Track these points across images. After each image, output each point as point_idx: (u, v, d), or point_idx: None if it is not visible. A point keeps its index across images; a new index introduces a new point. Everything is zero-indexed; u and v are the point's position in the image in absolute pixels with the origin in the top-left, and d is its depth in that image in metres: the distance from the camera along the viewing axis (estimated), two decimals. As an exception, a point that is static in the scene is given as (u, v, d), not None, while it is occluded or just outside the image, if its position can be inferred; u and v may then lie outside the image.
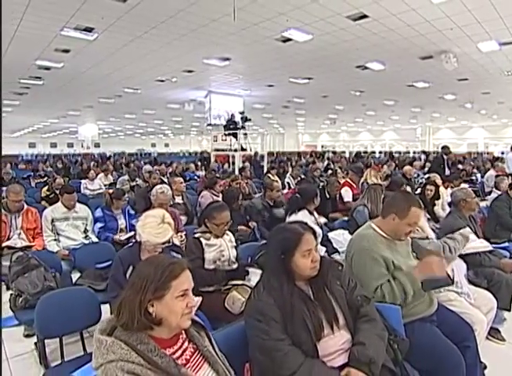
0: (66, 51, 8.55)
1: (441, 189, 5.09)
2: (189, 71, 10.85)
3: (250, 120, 12.29)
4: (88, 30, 7.18)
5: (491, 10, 6.19)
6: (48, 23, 6.73)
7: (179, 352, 1.23)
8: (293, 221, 1.72)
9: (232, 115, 12.21)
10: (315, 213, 3.60)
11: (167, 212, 2.27)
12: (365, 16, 6.61)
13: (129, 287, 1.20)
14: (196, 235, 2.58)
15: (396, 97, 15.35)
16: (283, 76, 11.40)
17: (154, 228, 2.15)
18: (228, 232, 2.72)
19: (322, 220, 4.37)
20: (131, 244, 2.32)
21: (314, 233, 1.61)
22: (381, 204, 3.83)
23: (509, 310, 2.72)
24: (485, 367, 2.28)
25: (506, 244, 3.71)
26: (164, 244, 2.18)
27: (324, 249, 3.31)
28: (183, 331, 1.28)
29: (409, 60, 9.38)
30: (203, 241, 2.54)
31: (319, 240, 3.33)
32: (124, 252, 2.27)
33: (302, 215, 3.30)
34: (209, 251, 2.53)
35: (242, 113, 12.36)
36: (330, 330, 1.52)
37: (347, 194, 5.25)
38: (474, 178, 9.02)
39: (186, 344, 1.27)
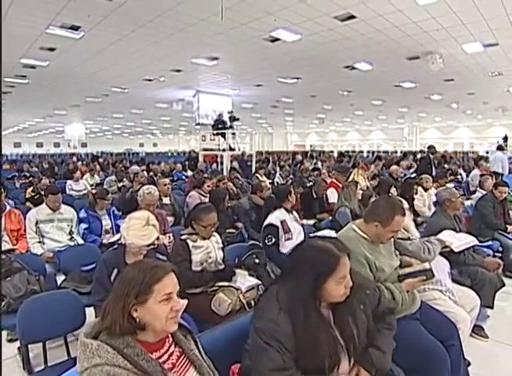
0: (52, 49, 8.43)
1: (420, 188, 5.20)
2: (177, 71, 10.78)
3: (238, 119, 12.27)
4: (75, 28, 7.08)
5: (475, 12, 6.29)
6: (33, 21, 6.62)
7: (166, 356, 1.21)
8: (325, 236, 1.57)
9: (220, 114, 12.16)
10: (295, 212, 3.57)
11: (152, 214, 2.25)
12: (352, 17, 6.66)
13: (113, 292, 1.18)
14: (183, 237, 2.56)
15: (384, 97, 15.49)
16: (271, 76, 11.41)
17: (139, 230, 2.12)
18: (214, 233, 2.71)
19: (311, 221, 4.38)
20: (116, 246, 2.29)
21: (348, 253, 1.46)
22: (357, 201, 3.93)
23: (492, 308, 2.78)
24: (469, 364, 2.31)
25: (490, 243, 3.79)
26: (148, 246, 2.15)
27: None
28: (169, 335, 1.26)
29: (396, 61, 9.48)
30: (190, 243, 2.52)
31: (301, 237, 3.36)
32: (109, 254, 2.25)
33: (279, 213, 3.28)
34: (196, 252, 2.51)
35: (230, 112, 12.31)
36: (346, 361, 1.42)
37: (332, 195, 5.24)
38: (459, 177, 9.14)
39: (173, 348, 1.26)
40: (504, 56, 8.95)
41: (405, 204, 2.72)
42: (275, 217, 3.23)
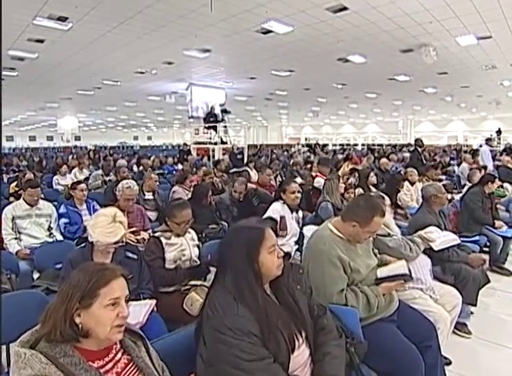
0: (41, 41, 8.28)
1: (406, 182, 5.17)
2: (169, 63, 10.65)
3: (229, 112, 12.14)
4: (62, 19, 6.95)
5: (468, 5, 6.24)
6: (19, 12, 6.47)
7: (110, 364, 1.15)
8: (248, 220, 1.54)
9: (212, 107, 12.03)
10: (301, 212, 3.49)
11: (119, 211, 2.17)
12: (345, 8, 6.59)
13: (57, 295, 1.12)
14: (157, 234, 2.50)
15: (378, 90, 15.43)
16: (264, 68, 11.31)
17: (105, 227, 2.05)
18: (190, 230, 2.64)
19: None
20: (83, 244, 2.22)
21: (271, 227, 1.50)
22: (339, 194, 3.87)
23: (475, 305, 2.73)
24: (450, 363, 2.28)
25: (477, 238, 3.75)
26: (116, 243, 2.09)
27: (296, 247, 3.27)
28: (117, 342, 1.19)
29: (390, 53, 9.41)
30: (164, 241, 2.46)
31: (294, 239, 3.29)
32: (76, 253, 2.17)
33: (280, 207, 3.22)
34: (169, 250, 2.45)
35: (222, 105, 12.17)
36: (302, 338, 1.41)
37: (321, 183, 5.00)
38: (451, 169, 9.10)
39: (119, 355, 1.19)
40: (498, 49, 8.90)
41: (387, 201, 2.66)
42: (275, 210, 3.18)
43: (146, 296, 2.13)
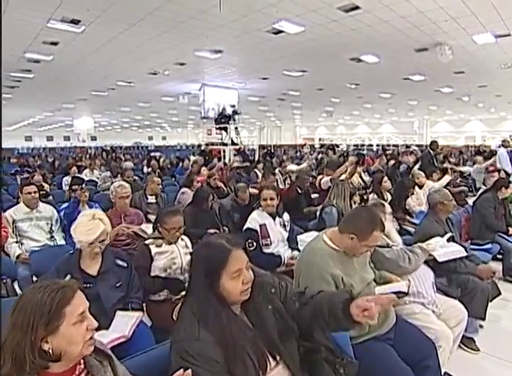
0: (55, 43, 8.39)
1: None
2: (181, 64, 10.67)
3: (239, 113, 12.09)
4: (75, 22, 7.02)
5: (485, 2, 6.03)
6: (33, 15, 6.56)
7: None
8: (222, 235, 1.50)
9: (224, 108, 11.99)
10: (287, 215, 3.35)
11: (102, 213, 2.17)
12: (357, 8, 6.45)
13: (12, 328, 0.99)
14: (147, 241, 2.45)
15: (392, 90, 15.16)
16: (276, 68, 11.23)
17: (84, 225, 2.04)
18: (184, 237, 2.58)
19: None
20: (71, 251, 2.20)
21: (245, 248, 1.41)
22: (349, 199, 3.74)
23: (483, 319, 2.57)
24: (455, 381, 2.18)
25: (489, 246, 3.60)
26: (100, 242, 2.06)
27: (289, 252, 3.17)
28: (81, 361, 1.12)
29: (404, 53, 9.21)
30: (154, 249, 2.41)
31: (283, 244, 3.20)
32: (63, 259, 2.13)
33: (258, 216, 3.11)
34: (159, 258, 2.40)
35: (233, 106, 12.13)
36: (274, 360, 1.33)
37: (326, 184, 4.90)
38: (466, 172, 8.83)
39: None
40: (517, 47, 8.63)
41: (388, 208, 2.55)
42: (253, 220, 3.07)
43: (135, 306, 2.10)
